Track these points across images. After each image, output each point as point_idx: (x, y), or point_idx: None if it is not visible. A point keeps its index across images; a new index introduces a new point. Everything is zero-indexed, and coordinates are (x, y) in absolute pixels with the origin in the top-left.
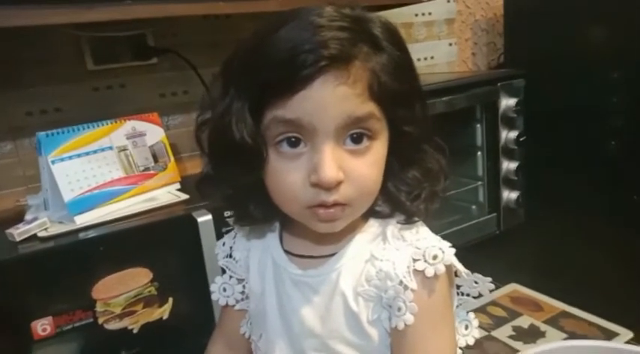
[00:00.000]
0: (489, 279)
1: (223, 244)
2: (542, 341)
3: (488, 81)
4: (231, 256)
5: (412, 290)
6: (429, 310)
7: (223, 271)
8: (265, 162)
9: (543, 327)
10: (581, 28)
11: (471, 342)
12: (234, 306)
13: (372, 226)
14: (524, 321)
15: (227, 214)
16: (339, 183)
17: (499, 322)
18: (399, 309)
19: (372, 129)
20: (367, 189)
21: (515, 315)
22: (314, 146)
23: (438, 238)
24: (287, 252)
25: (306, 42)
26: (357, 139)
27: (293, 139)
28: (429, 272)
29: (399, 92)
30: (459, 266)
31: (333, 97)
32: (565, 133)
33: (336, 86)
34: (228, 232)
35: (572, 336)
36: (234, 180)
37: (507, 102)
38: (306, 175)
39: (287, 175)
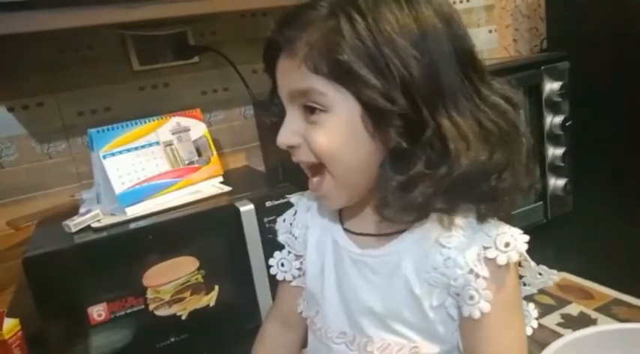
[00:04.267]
0: (555, 271)
1: (284, 220)
2: None
3: (530, 64)
4: (290, 232)
5: (484, 278)
6: (503, 300)
7: (282, 248)
8: None
9: (594, 315)
10: (624, 7)
11: (529, 332)
12: (290, 282)
13: None
14: (574, 309)
15: (268, 204)
16: (292, 147)
17: (547, 310)
18: (472, 297)
19: (320, 103)
20: (327, 158)
21: (563, 303)
22: None
23: (508, 225)
24: (347, 230)
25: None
26: (309, 110)
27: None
28: (502, 260)
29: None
30: (527, 256)
31: (280, 71)
32: (612, 117)
33: (282, 60)
34: (270, 222)
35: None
36: None
37: (551, 86)
38: None
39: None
